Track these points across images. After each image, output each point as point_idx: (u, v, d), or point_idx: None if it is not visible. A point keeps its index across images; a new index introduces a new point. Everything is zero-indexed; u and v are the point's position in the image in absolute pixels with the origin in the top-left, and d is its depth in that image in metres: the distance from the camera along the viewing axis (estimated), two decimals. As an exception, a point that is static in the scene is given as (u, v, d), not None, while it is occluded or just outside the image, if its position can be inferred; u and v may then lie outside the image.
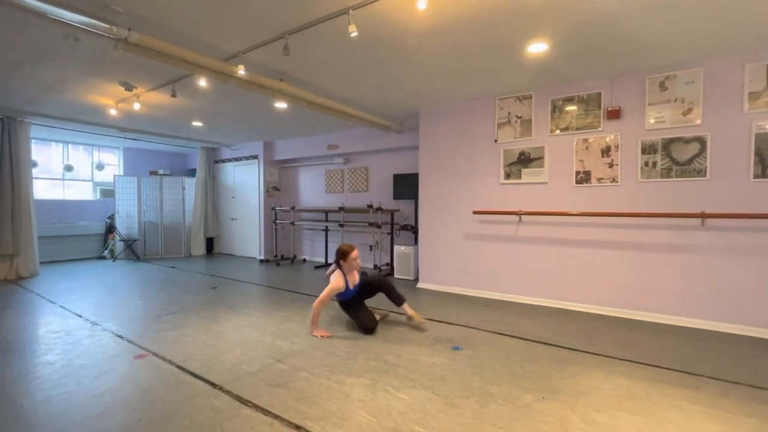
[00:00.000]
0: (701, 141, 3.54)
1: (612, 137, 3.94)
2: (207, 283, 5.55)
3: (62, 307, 4.27)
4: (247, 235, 8.44)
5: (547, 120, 4.30)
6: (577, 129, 4.13)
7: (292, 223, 7.65)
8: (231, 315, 3.96)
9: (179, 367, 2.70)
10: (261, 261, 7.79)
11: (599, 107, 4.00)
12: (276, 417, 2.08)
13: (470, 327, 3.59)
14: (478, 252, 4.82)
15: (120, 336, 3.34)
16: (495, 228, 4.69)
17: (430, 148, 5.19)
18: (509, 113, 4.54)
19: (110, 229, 8.07)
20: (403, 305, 3.57)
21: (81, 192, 8.21)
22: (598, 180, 4.03)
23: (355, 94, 4.62)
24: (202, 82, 3.95)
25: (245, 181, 8.44)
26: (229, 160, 8.70)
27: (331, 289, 3.38)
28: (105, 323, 3.68)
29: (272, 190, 8.17)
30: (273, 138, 7.71)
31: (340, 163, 7.34)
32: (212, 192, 8.87)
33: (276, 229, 8.09)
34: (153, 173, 8.47)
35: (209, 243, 8.92)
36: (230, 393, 2.34)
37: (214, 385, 2.44)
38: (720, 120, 3.47)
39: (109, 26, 2.64)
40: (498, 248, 4.67)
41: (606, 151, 3.98)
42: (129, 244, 7.83)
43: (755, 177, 3.34)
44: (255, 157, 8.11)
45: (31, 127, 6.11)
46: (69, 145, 7.97)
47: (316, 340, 3.23)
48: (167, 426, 2.00)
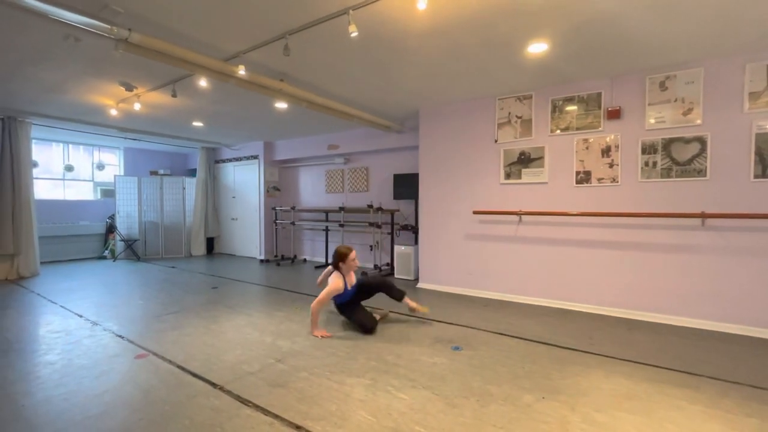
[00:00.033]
0: (701, 141, 3.54)
1: (612, 137, 3.94)
2: (207, 283, 5.56)
3: (63, 307, 4.28)
4: (248, 235, 8.45)
5: (548, 120, 4.30)
6: (577, 129, 4.13)
7: (293, 223, 7.66)
8: (231, 315, 3.96)
9: (179, 367, 2.70)
10: (261, 261, 7.79)
11: (599, 107, 4.00)
12: (276, 417, 2.08)
13: (470, 327, 3.59)
14: (478, 252, 4.82)
15: (120, 336, 3.34)
16: (495, 228, 4.69)
17: (430, 148, 5.20)
18: (509, 113, 4.54)
19: (111, 229, 8.07)
20: (404, 299, 3.65)
21: (81, 192, 8.22)
22: (599, 180, 4.03)
23: (356, 94, 4.62)
24: (203, 83, 3.95)
25: (245, 181, 8.44)
26: (230, 160, 8.71)
27: (330, 291, 3.38)
28: (105, 323, 3.69)
29: (272, 190, 8.17)
30: (273, 138, 7.71)
31: (341, 163, 7.34)
32: (212, 192, 8.88)
33: (276, 229, 8.09)
34: (153, 173, 8.48)
35: (209, 243, 8.93)
36: (230, 393, 2.34)
37: (214, 385, 2.45)
38: (720, 120, 3.47)
39: (109, 26, 2.65)
40: (498, 248, 4.67)
41: (606, 151, 3.98)
42: (129, 244, 7.84)
43: (755, 177, 3.34)
44: (255, 157, 8.12)
45: (32, 128, 6.12)
46: (69, 145, 7.98)
47: (317, 340, 3.23)
48: (167, 426, 2.00)
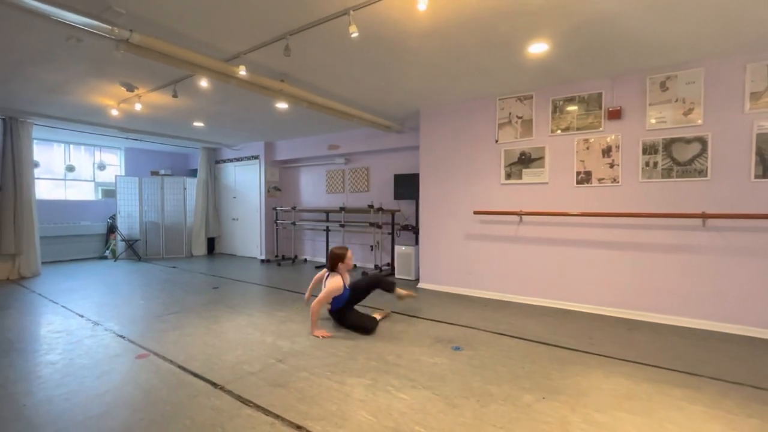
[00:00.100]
0: (702, 141, 3.54)
1: (613, 137, 3.94)
2: (208, 283, 5.57)
3: (64, 307, 4.29)
4: (248, 236, 8.45)
5: (548, 120, 4.30)
6: (577, 129, 4.12)
7: (293, 224, 7.66)
8: (232, 315, 3.97)
9: (180, 367, 2.71)
10: (262, 261, 7.80)
11: (600, 107, 4.00)
12: (277, 417, 2.09)
13: (471, 327, 3.59)
14: (478, 252, 4.82)
15: (121, 336, 3.35)
16: (496, 228, 4.69)
17: (430, 149, 5.20)
18: (510, 113, 4.54)
19: (112, 229, 8.09)
20: (395, 290, 3.78)
21: (82, 192, 8.23)
22: (599, 180, 4.02)
23: (356, 94, 4.62)
24: (204, 83, 3.95)
25: (246, 181, 8.45)
26: (230, 161, 8.72)
27: (330, 290, 3.39)
28: (106, 323, 3.70)
29: (273, 191, 8.18)
30: (274, 138, 7.72)
31: (341, 164, 7.35)
32: (213, 192, 8.89)
33: (277, 229, 8.09)
34: (154, 173, 8.49)
35: (210, 243, 8.94)
36: (231, 393, 2.34)
37: (215, 384, 2.45)
38: (721, 120, 3.47)
39: (110, 27, 2.66)
40: (499, 248, 4.67)
41: (607, 152, 3.98)
42: (130, 244, 7.85)
43: (756, 177, 3.34)
44: (256, 157, 8.12)
45: (33, 128, 6.14)
46: (71, 146, 7.99)
47: (317, 340, 3.23)
48: (168, 426, 2.01)
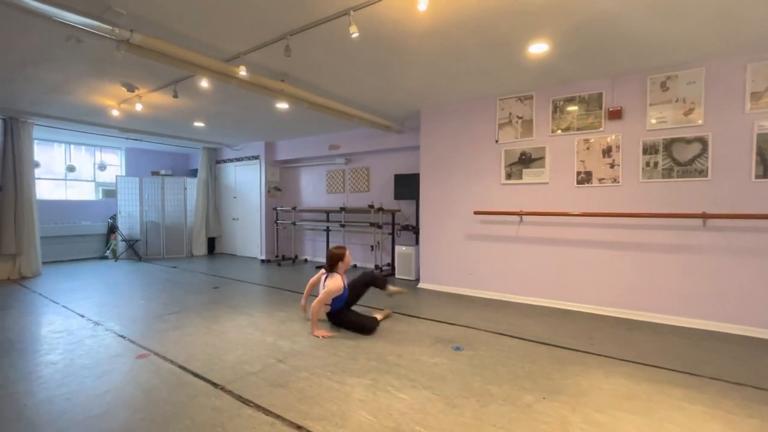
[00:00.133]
0: (703, 141, 3.54)
1: (613, 137, 3.94)
2: (208, 283, 5.57)
3: (65, 306, 4.29)
4: (249, 235, 8.46)
5: (548, 120, 4.30)
6: (578, 129, 4.12)
7: (294, 224, 7.66)
8: (232, 315, 3.97)
9: (181, 367, 2.71)
10: (262, 261, 7.80)
11: (600, 107, 4.00)
12: (277, 417, 2.09)
13: (471, 327, 3.59)
14: (479, 252, 4.82)
15: (122, 336, 3.35)
16: (496, 228, 4.69)
17: (431, 149, 5.20)
18: (510, 113, 4.54)
19: (112, 229, 8.09)
20: (387, 288, 3.88)
21: (83, 192, 8.24)
22: (600, 180, 4.02)
23: (356, 94, 4.63)
24: (204, 83, 3.96)
25: (247, 181, 8.46)
26: (231, 161, 8.72)
27: (330, 290, 3.40)
28: (107, 323, 3.70)
29: (274, 191, 8.18)
30: (274, 138, 7.72)
31: (342, 164, 7.35)
32: (214, 192, 8.89)
33: (277, 229, 8.10)
34: (155, 173, 8.50)
35: (211, 243, 8.94)
36: (232, 393, 2.35)
37: (215, 384, 2.45)
38: (722, 120, 3.46)
39: (111, 28, 2.66)
40: (499, 248, 4.67)
41: (607, 152, 3.97)
42: (131, 244, 7.86)
43: (757, 177, 3.34)
44: (256, 157, 8.13)
45: (34, 128, 6.15)
46: (71, 146, 8.00)
47: (317, 340, 3.23)
48: (169, 426, 2.01)
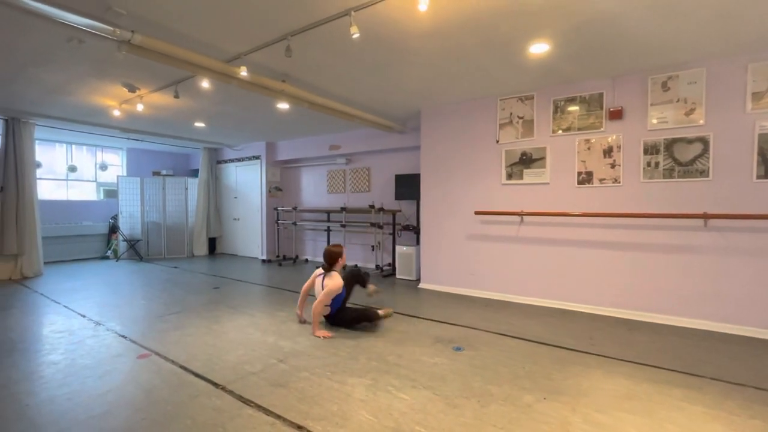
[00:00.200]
0: (704, 141, 3.53)
1: (614, 137, 3.93)
2: (209, 284, 5.58)
3: (66, 307, 4.30)
4: (250, 236, 8.47)
5: (549, 120, 4.29)
6: (579, 129, 4.12)
7: (294, 224, 7.67)
8: (233, 315, 3.97)
9: (182, 367, 2.72)
10: (263, 261, 7.81)
11: (601, 107, 3.99)
12: (278, 417, 2.09)
13: (471, 327, 3.59)
14: (479, 252, 4.82)
15: (123, 336, 3.36)
16: (497, 228, 4.69)
17: (431, 149, 5.20)
18: (511, 114, 4.54)
19: (113, 229, 8.11)
20: (368, 286, 3.88)
21: (84, 192, 8.26)
22: (600, 180, 4.02)
23: (357, 94, 4.63)
24: (205, 84, 3.96)
25: (247, 181, 8.46)
26: (232, 161, 8.73)
27: (331, 290, 3.39)
28: (108, 323, 3.71)
29: (274, 191, 8.19)
30: (275, 138, 7.73)
31: (342, 164, 7.35)
32: (215, 192, 8.90)
33: (278, 229, 8.10)
34: (156, 174, 8.51)
35: (212, 243, 8.95)
36: (232, 393, 2.35)
37: (216, 384, 2.46)
38: (723, 120, 3.46)
39: (112, 28, 2.67)
40: (500, 249, 4.67)
41: (608, 152, 3.97)
42: (132, 244, 7.87)
43: (758, 177, 3.33)
44: (257, 157, 8.13)
45: (35, 128, 6.16)
46: (72, 146, 8.02)
47: (318, 340, 3.24)
48: (170, 425, 2.01)
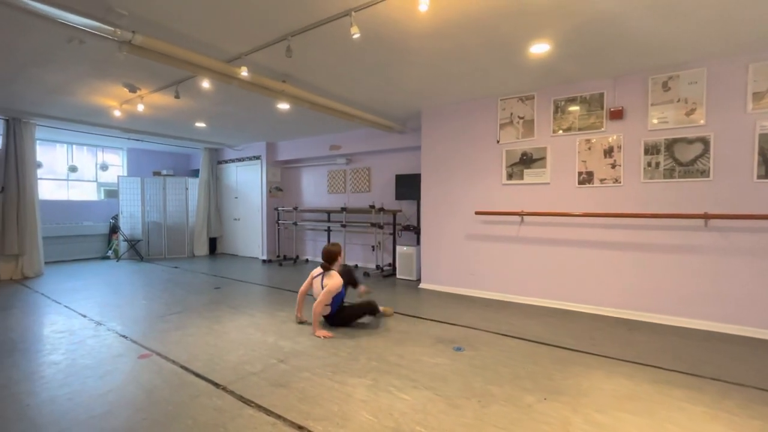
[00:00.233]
0: (704, 141, 3.53)
1: (615, 138, 3.93)
2: (210, 284, 5.58)
3: (67, 307, 4.30)
4: (250, 236, 8.47)
5: (550, 120, 4.29)
6: (579, 129, 4.12)
7: (295, 224, 7.67)
8: (234, 315, 3.98)
9: (183, 367, 2.72)
10: (264, 261, 7.81)
11: (602, 108, 3.99)
12: (278, 417, 2.09)
13: (472, 327, 3.59)
14: (480, 252, 4.82)
15: (124, 336, 3.36)
16: (497, 228, 4.69)
17: (432, 149, 5.20)
18: (511, 114, 4.54)
19: (114, 229, 8.11)
20: (359, 286, 4.01)
21: (85, 192, 8.26)
22: (601, 181, 4.02)
23: (357, 94, 4.63)
24: (206, 84, 3.96)
25: (248, 181, 8.47)
26: (232, 161, 8.73)
27: (331, 289, 3.40)
28: (109, 323, 3.71)
29: (275, 191, 8.19)
30: (276, 139, 7.73)
31: (343, 164, 7.35)
32: (215, 192, 8.91)
33: (278, 229, 8.10)
34: (156, 174, 8.51)
35: (212, 243, 8.95)
36: (233, 393, 2.35)
37: (217, 385, 2.46)
38: (723, 120, 3.46)
39: (113, 29, 2.67)
40: (500, 249, 4.67)
41: (609, 152, 3.97)
42: (133, 244, 7.88)
43: (759, 177, 3.33)
44: (258, 157, 8.14)
45: (36, 128, 6.16)
46: (73, 146, 8.02)
47: (319, 340, 3.24)
48: (171, 425, 2.01)
